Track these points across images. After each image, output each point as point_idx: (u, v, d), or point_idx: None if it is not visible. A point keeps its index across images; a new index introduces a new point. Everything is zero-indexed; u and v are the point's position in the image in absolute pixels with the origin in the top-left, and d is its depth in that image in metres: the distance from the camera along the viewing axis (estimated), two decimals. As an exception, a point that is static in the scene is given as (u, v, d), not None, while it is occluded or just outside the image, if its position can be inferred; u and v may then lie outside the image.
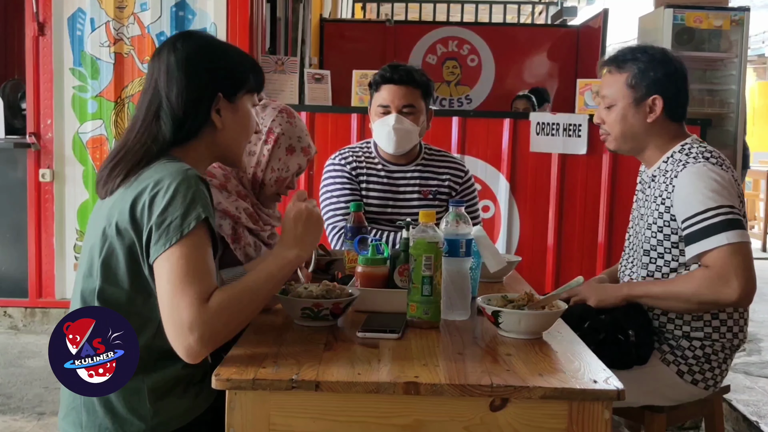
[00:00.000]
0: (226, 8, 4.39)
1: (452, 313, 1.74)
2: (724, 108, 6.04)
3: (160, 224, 1.41)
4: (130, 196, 1.46)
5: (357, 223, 2.16)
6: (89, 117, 4.47)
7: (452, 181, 2.73)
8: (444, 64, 6.88)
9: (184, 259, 1.40)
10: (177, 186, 1.43)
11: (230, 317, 1.41)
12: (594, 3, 9.56)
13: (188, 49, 1.57)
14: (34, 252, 4.49)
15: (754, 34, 8.73)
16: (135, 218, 1.44)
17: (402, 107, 2.58)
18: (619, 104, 2.10)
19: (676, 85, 2.10)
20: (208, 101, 1.57)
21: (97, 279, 1.48)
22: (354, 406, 1.34)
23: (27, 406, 3.32)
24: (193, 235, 1.41)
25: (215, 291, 1.42)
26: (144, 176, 1.48)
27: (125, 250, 1.46)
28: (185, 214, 1.41)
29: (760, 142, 12.59)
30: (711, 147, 2.09)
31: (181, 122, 1.54)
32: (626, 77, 2.09)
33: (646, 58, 2.09)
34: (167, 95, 1.54)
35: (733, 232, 1.90)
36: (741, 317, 2.12)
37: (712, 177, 1.96)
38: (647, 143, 2.12)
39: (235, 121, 1.62)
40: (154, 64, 1.59)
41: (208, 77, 1.57)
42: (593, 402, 1.32)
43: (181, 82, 1.54)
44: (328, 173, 2.71)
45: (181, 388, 1.52)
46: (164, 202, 1.42)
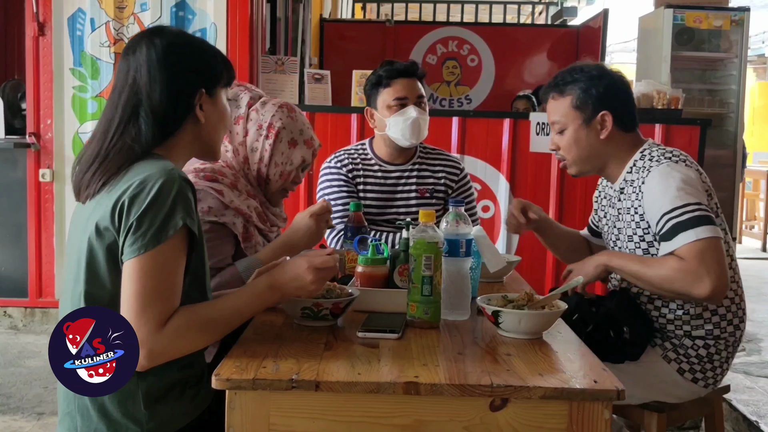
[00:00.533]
0: (226, 8, 4.39)
1: (452, 313, 1.74)
2: (724, 108, 6.04)
3: (139, 227, 1.39)
4: (113, 196, 1.43)
5: (357, 223, 2.16)
6: (89, 117, 4.47)
7: (448, 178, 2.74)
8: (444, 64, 6.88)
9: (153, 272, 1.39)
10: (160, 187, 1.41)
11: (184, 343, 1.43)
12: (594, 3, 9.57)
13: (166, 46, 1.54)
14: (34, 252, 4.49)
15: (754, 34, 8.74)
16: (115, 218, 1.42)
17: (417, 98, 2.63)
18: (569, 127, 2.11)
19: (620, 97, 2.12)
20: (191, 97, 1.55)
21: (82, 283, 1.47)
22: (354, 406, 1.34)
23: (27, 406, 3.32)
24: (168, 244, 1.40)
25: (176, 313, 1.41)
26: (127, 176, 1.46)
27: (105, 250, 1.44)
28: (165, 220, 1.40)
29: (760, 142, 12.60)
30: (670, 147, 2.10)
31: (163, 120, 1.52)
32: (570, 100, 2.10)
33: (584, 77, 2.10)
34: (149, 93, 1.51)
35: (703, 228, 1.90)
36: (739, 308, 2.13)
37: (676, 176, 1.97)
38: (606, 159, 2.13)
39: (216, 114, 1.62)
40: (129, 60, 1.54)
41: (190, 74, 1.56)
42: (593, 402, 1.32)
43: (164, 80, 1.52)
44: (325, 176, 2.71)
45: (177, 391, 1.52)
46: (146, 204, 1.40)
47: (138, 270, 1.39)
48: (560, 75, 2.15)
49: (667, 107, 4.58)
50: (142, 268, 1.39)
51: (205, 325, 1.45)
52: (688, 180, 1.96)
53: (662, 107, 4.58)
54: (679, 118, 4.50)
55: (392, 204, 2.68)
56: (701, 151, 4.33)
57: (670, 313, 2.08)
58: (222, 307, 1.48)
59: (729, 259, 2.06)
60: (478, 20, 7.88)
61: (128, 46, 1.57)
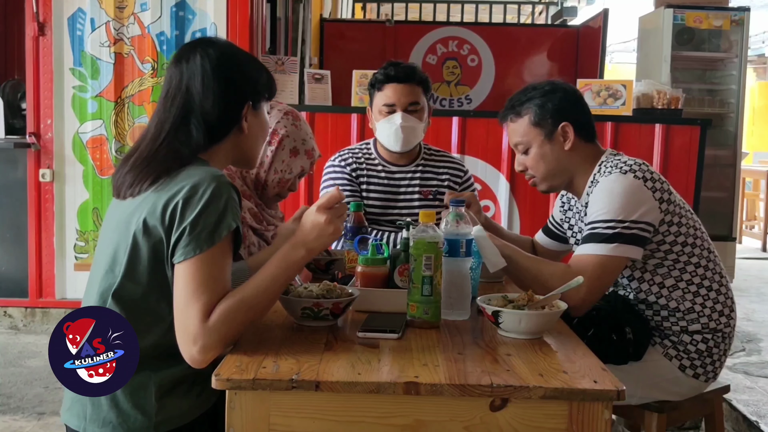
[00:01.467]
0: (226, 8, 4.39)
1: (452, 313, 1.74)
2: (724, 108, 6.04)
3: (193, 229, 1.45)
4: (164, 196, 1.48)
5: (357, 223, 2.16)
6: (89, 117, 4.47)
7: (452, 180, 2.73)
8: (444, 64, 6.88)
9: (205, 267, 1.44)
10: (212, 192, 1.46)
11: (231, 327, 1.44)
12: (594, 3, 9.56)
13: (220, 57, 1.61)
14: (34, 252, 4.49)
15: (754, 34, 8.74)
16: (165, 217, 1.47)
17: (408, 105, 2.59)
18: (533, 145, 2.13)
19: (576, 107, 2.14)
20: (239, 108, 1.63)
21: (119, 275, 1.50)
22: (354, 406, 1.34)
23: (27, 406, 3.32)
24: (221, 246, 1.46)
25: (220, 301, 1.44)
26: (178, 179, 1.51)
27: (150, 247, 1.49)
28: (218, 222, 1.46)
29: (760, 142, 12.60)
30: (625, 156, 2.11)
31: (214, 128, 1.60)
32: (528, 118, 2.12)
33: (537, 93, 2.13)
34: (201, 102, 1.58)
35: (610, 246, 1.94)
36: (727, 297, 2.14)
37: (616, 188, 1.99)
38: (573, 172, 2.14)
39: (258, 126, 1.69)
40: (183, 68, 1.61)
41: (240, 86, 1.63)
42: (593, 402, 1.32)
43: (217, 90, 1.59)
44: (328, 175, 2.71)
45: (186, 386, 1.53)
46: (199, 207, 1.45)
47: (192, 268, 1.44)
48: (514, 97, 2.18)
49: (667, 107, 4.58)
50: (196, 266, 1.44)
51: (247, 305, 1.46)
52: (627, 193, 1.98)
53: (662, 107, 4.58)
54: (679, 118, 4.51)
55: (395, 205, 2.68)
56: (701, 151, 4.34)
57: (663, 310, 2.10)
58: (256, 282, 1.50)
59: (707, 252, 2.11)
60: (478, 20, 7.87)
61: (181, 54, 1.64)
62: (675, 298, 2.08)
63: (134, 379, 1.45)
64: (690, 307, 2.08)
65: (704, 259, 2.10)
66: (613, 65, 13.24)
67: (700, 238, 2.10)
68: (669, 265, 2.07)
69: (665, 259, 2.06)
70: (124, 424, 1.48)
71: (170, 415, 1.50)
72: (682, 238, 2.06)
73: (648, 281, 2.09)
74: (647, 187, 2.00)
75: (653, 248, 2.04)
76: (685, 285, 2.08)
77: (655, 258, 2.06)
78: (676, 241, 2.05)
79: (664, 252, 2.05)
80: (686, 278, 2.08)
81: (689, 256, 2.07)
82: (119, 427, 1.48)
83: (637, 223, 1.96)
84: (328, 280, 1.81)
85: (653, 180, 2.02)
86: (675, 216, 2.05)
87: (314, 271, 2.17)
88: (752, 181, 9.19)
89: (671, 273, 2.07)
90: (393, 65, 2.64)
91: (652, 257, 2.06)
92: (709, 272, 2.10)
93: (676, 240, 2.05)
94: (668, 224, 2.03)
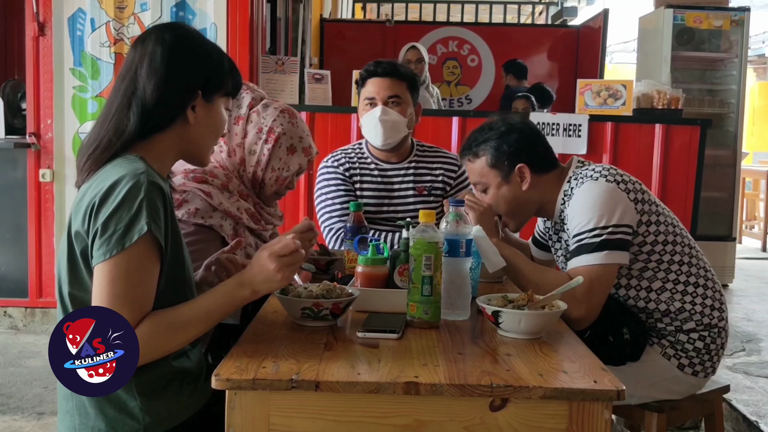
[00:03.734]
0: (226, 8, 4.39)
1: (452, 313, 1.74)
2: (724, 108, 6.04)
3: (104, 232, 1.39)
4: (88, 198, 1.44)
5: (357, 223, 2.16)
6: (89, 117, 4.47)
7: (446, 175, 2.73)
8: (444, 64, 6.89)
9: (117, 277, 1.38)
10: (126, 192, 1.40)
11: (153, 347, 1.41)
12: (594, 3, 9.57)
13: (175, 43, 1.54)
14: (34, 252, 4.49)
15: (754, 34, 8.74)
16: (86, 221, 1.42)
17: (388, 98, 2.59)
18: (491, 186, 2.14)
19: (530, 145, 2.14)
20: (185, 97, 1.54)
21: (67, 284, 1.49)
22: (354, 406, 1.34)
23: (27, 406, 3.32)
24: (134, 249, 1.39)
25: (145, 318, 1.40)
26: (101, 176, 1.46)
27: (81, 252, 1.45)
28: (129, 225, 1.39)
29: (760, 142, 12.59)
30: (593, 164, 2.12)
31: (150, 114, 1.51)
32: (485, 160, 2.13)
33: (493, 135, 2.13)
34: (144, 85, 1.50)
35: (602, 254, 1.96)
36: (715, 291, 2.15)
37: (592, 196, 2.01)
38: (537, 203, 2.16)
39: (208, 120, 1.59)
40: (137, 51, 1.54)
41: (190, 74, 1.55)
42: (593, 402, 1.32)
43: (162, 75, 1.51)
44: (322, 176, 2.71)
45: (176, 385, 1.52)
46: (111, 209, 1.39)
47: (105, 275, 1.39)
48: (472, 136, 2.19)
49: (667, 107, 4.58)
50: (109, 274, 1.39)
51: (174, 327, 1.43)
52: (603, 198, 2.00)
53: (662, 107, 4.58)
54: (679, 118, 4.51)
55: (390, 202, 2.68)
56: (701, 151, 4.34)
57: (655, 313, 2.10)
58: (191, 308, 1.46)
59: (688, 248, 2.12)
60: (478, 20, 7.88)
61: (140, 36, 1.58)
62: (664, 300, 2.09)
63: None
64: (680, 306, 2.09)
65: (686, 256, 2.10)
66: (613, 65, 13.25)
67: (680, 235, 2.11)
68: (653, 267, 2.07)
69: (649, 261, 2.07)
70: (112, 430, 1.47)
71: (159, 416, 1.49)
72: (662, 237, 2.07)
73: (635, 287, 2.09)
74: (621, 189, 2.02)
75: (635, 251, 2.05)
76: (672, 285, 2.08)
77: (639, 261, 2.06)
78: (656, 240, 2.06)
79: (646, 253, 2.06)
80: (672, 278, 2.08)
81: (671, 254, 2.08)
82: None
83: (619, 227, 1.98)
84: (328, 280, 1.81)
85: (625, 182, 2.04)
86: (652, 215, 2.06)
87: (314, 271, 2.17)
88: (752, 181, 9.19)
89: (657, 275, 2.08)
90: (376, 62, 2.65)
91: (636, 260, 2.06)
92: (693, 268, 2.11)
93: (657, 239, 2.06)
94: (646, 224, 2.04)
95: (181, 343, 1.47)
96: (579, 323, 1.92)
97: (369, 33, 6.99)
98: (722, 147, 5.99)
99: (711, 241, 5.20)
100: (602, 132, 4.29)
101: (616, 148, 4.30)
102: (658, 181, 4.34)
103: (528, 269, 2.02)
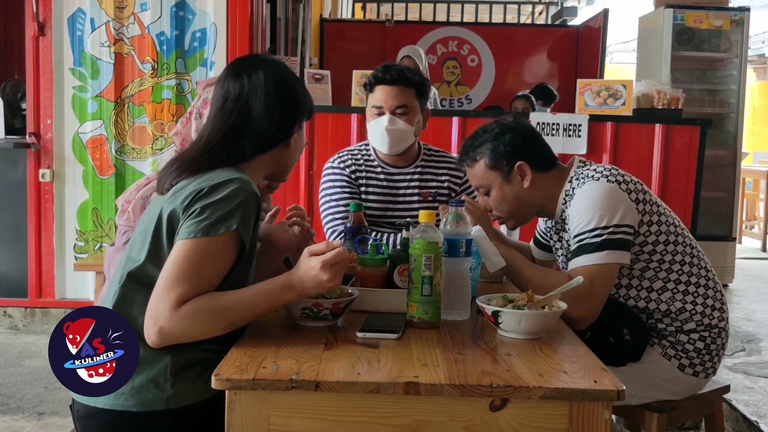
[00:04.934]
0: (226, 8, 4.39)
1: (452, 313, 1.74)
2: (724, 108, 6.04)
3: (199, 215, 1.50)
4: (192, 186, 1.55)
5: (357, 223, 2.16)
6: (89, 117, 4.47)
7: (451, 182, 2.72)
8: (444, 64, 6.89)
9: (193, 256, 1.48)
10: (232, 191, 1.52)
11: (193, 328, 1.47)
12: (594, 3, 9.56)
13: (282, 78, 1.72)
14: (34, 252, 4.49)
15: (754, 34, 8.74)
16: (186, 202, 1.53)
17: (395, 108, 2.57)
18: (493, 188, 2.14)
19: (527, 143, 2.14)
20: (292, 126, 1.73)
21: (143, 258, 1.56)
22: (354, 406, 1.34)
23: (27, 406, 3.32)
24: (216, 239, 1.49)
25: (195, 297, 1.47)
26: (210, 175, 1.58)
27: (168, 230, 1.54)
28: (221, 218, 1.50)
29: (760, 142, 12.59)
30: (594, 164, 2.12)
31: (266, 143, 1.69)
32: (484, 163, 2.14)
33: (488, 137, 2.14)
34: (260, 117, 1.67)
35: (602, 254, 1.96)
36: (716, 291, 2.15)
37: (593, 197, 2.01)
38: (540, 202, 2.16)
39: (299, 143, 1.79)
40: (244, 82, 1.69)
41: (297, 107, 1.74)
42: (593, 402, 1.32)
43: (277, 108, 1.68)
44: (327, 177, 2.70)
45: (199, 369, 1.54)
46: (214, 199, 1.51)
47: (182, 251, 1.48)
48: (467, 142, 2.19)
49: (667, 107, 4.58)
50: (187, 251, 1.48)
51: (217, 312, 1.49)
52: (604, 198, 2.00)
53: (662, 107, 4.58)
54: (679, 118, 4.51)
55: (394, 207, 2.67)
56: (701, 151, 4.34)
57: (655, 313, 2.10)
58: (237, 298, 1.52)
59: (690, 248, 2.12)
60: (478, 20, 7.88)
61: (240, 67, 1.73)
62: (665, 300, 2.09)
63: (152, 354, 1.48)
64: (681, 307, 2.09)
65: (688, 256, 2.10)
66: (613, 65, 13.24)
67: (681, 235, 2.11)
68: (655, 267, 2.07)
69: (650, 261, 2.07)
70: (136, 395, 1.49)
71: (182, 392, 1.52)
72: (663, 237, 2.06)
73: (636, 287, 2.09)
74: (622, 189, 2.02)
75: (637, 251, 2.05)
76: (674, 285, 2.08)
77: (641, 261, 2.06)
78: (657, 240, 2.06)
79: (648, 253, 2.06)
80: (673, 278, 2.08)
81: (673, 254, 2.08)
82: (131, 398, 1.50)
83: (620, 227, 1.98)
84: (339, 282, 1.81)
85: (626, 182, 2.04)
86: (654, 215, 2.06)
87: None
88: (752, 181, 9.19)
89: (658, 275, 2.08)
90: (385, 67, 2.63)
91: (637, 260, 2.06)
92: (694, 268, 2.11)
93: (658, 239, 2.06)
94: (647, 224, 2.04)
95: (220, 328, 1.51)
96: (580, 323, 1.92)
97: (369, 33, 6.99)
98: (722, 147, 5.99)
99: (711, 241, 5.19)
100: (602, 132, 4.29)
101: (616, 148, 4.30)
102: (658, 181, 4.34)
103: (528, 270, 2.02)
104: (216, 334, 1.51)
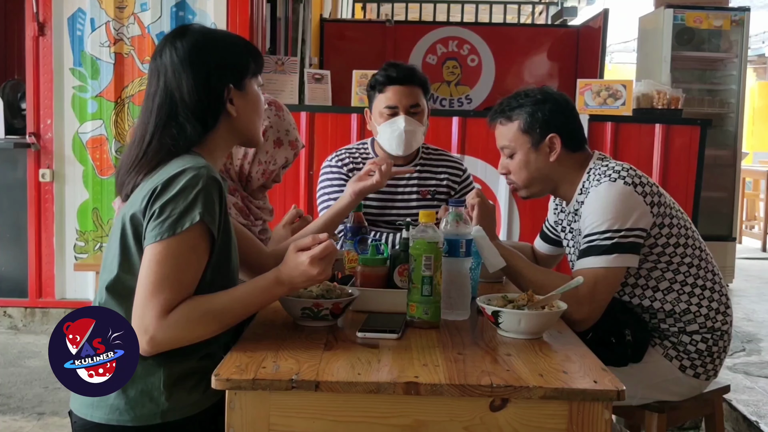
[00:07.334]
0: (226, 8, 4.39)
1: (452, 313, 1.74)
2: (724, 108, 6.04)
3: (160, 215, 1.45)
4: (150, 185, 1.49)
5: (357, 223, 2.16)
6: (89, 117, 4.47)
7: (450, 180, 2.72)
8: (444, 64, 6.87)
9: (166, 259, 1.44)
10: (186, 182, 1.46)
11: (186, 333, 1.45)
12: (594, 3, 9.56)
13: (188, 47, 1.58)
14: (34, 252, 4.49)
15: (754, 34, 8.74)
16: (144, 203, 1.48)
17: (409, 107, 2.57)
18: (519, 152, 2.13)
19: (566, 118, 2.13)
20: (220, 93, 1.59)
21: (116, 269, 1.51)
22: (354, 406, 1.34)
23: (27, 406, 3.32)
24: (184, 236, 1.45)
25: (182, 302, 1.44)
26: (165, 169, 1.52)
27: (134, 234, 1.50)
28: (183, 212, 1.44)
29: (760, 142, 12.59)
30: (612, 162, 2.11)
31: (200, 119, 1.57)
32: (518, 124, 2.12)
33: (529, 101, 2.12)
34: (180, 96, 1.56)
35: (609, 257, 1.95)
36: (721, 294, 2.14)
37: (607, 198, 2.00)
38: (558, 181, 2.15)
39: (247, 105, 1.65)
40: (157, 64, 1.60)
41: (215, 72, 1.59)
42: (593, 402, 1.32)
43: (191, 80, 1.56)
44: (325, 175, 2.70)
45: (195, 380, 1.53)
46: (170, 195, 1.45)
47: (154, 256, 1.44)
48: (506, 101, 2.17)
49: (667, 107, 4.58)
50: (158, 255, 1.44)
51: (208, 315, 1.47)
52: (619, 201, 1.99)
53: (662, 107, 4.58)
54: (679, 118, 4.50)
55: (393, 205, 2.67)
56: (701, 151, 4.34)
57: (659, 312, 2.09)
58: (228, 298, 1.50)
59: (699, 250, 2.11)
60: (478, 20, 7.87)
61: (155, 51, 1.63)
62: (670, 300, 2.08)
63: (143, 367, 1.46)
64: (686, 308, 2.08)
65: (696, 258, 2.10)
66: (613, 65, 13.24)
67: (691, 238, 2.10)
68: (662, 268, 2.07)
69: (658, 262, 2.06)
70: (131, 410, 1.48)
71: (178, 404, 1.51)
72: (674, 239, 2.06)
73: (642, 286, 2.09)
74: (638, 192, 2.01)
75: (646, 252, 2.04)
76: (680, 286, 2.08)
77: (649, 261, 2.06)
78: (668, 243, 2.05)
79: (656, 254, 2.06)
80: (680, 279, 2.08)
81: (682, 256, 2.07)
82: (126, 414, 1.49)
83: (632, 231, 1.97)
84: (328, 280, 1.81)
85: (642, 185, 2.03)
86: (666, 218, 2.05)
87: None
88: (752, 181, 9.19)
89: (665, 275, 2.07)
90: (393, 66, 2.62)
91: (645, 261, 2.06)
92: (702, 271, 2.10)
93: (668, 242, 2.05)
94: (659, 227, 2.04)
95: (214, 330, 1.49)
96: (581, 324, 1.92)
97: (369, 33, 6.98)
98: (722, 147, 5.99)
99: (711, 241, 5.13)
100: (602, 132, 4.29)
101: (616, 148, 4.30)
102: (658, 181, 4.33)
103: (528, 270, 2.02)
104: (210, 336, 1.50)
